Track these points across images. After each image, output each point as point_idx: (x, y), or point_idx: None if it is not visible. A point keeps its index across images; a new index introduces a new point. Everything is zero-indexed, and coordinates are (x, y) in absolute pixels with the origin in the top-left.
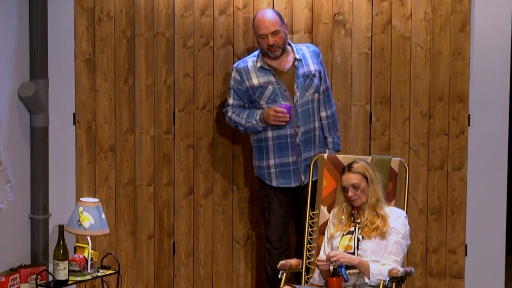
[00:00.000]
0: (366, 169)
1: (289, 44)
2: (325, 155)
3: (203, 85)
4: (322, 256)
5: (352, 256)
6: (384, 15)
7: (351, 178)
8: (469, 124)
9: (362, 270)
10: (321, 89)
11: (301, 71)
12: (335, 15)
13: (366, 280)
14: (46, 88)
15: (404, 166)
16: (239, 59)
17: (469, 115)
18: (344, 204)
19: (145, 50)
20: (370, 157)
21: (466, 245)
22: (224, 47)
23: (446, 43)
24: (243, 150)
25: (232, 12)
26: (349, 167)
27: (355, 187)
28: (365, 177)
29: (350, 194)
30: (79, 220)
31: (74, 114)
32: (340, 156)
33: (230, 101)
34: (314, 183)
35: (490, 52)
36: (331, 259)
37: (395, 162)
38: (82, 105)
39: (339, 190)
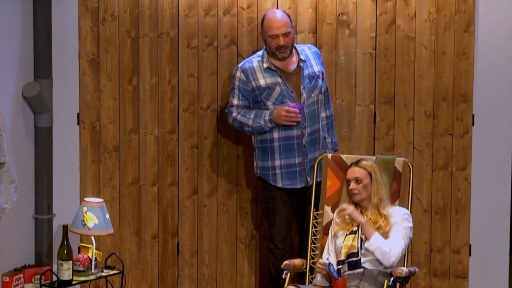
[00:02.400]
0: (374, 168)
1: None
2: (329, 155)
3: (207, 85)
4: (325, 256)
5: (360, 216)
6: (388, 15)
7: (356, 171)
8: (473, 124)
9: (366, 232)
10: (323, 90)
11: (306, 72)
12: (339, 15)
13: (370, 265)
14: (50, 88)
15: (408, 166)
16: (244, 59)
17: (473, 115)
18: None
19: (149, 50)
20: (374, 157)
21: (470, 245)
22: (228, 47)
23: (450, 43)
24: (247, 150)
25: (236, 12)
26: (357, 162)
27: (357, 180)
28: (370, 175)
29: (351, 187)
30: (83, 220)
31: (78, 114)
32: (344, 156)
33: (235, 101)
34: (318, 183)
35: (495, 52)
36: (343, 211)
37: (399, 162)
38: (86, 105)
39: (344, 189)
